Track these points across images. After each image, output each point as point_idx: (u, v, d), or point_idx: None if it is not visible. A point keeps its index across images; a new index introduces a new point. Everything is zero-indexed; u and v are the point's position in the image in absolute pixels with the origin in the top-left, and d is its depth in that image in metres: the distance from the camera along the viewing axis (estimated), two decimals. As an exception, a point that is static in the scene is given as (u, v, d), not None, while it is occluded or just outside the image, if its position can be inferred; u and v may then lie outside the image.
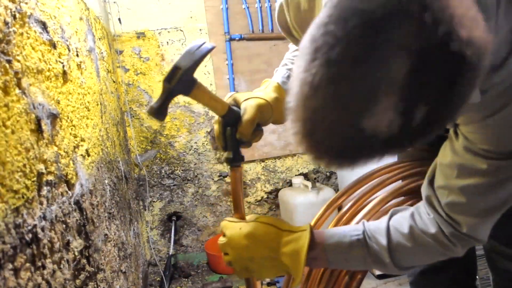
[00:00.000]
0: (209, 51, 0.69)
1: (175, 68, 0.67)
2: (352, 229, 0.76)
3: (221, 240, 0.75)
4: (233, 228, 0.75)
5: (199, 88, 0.71)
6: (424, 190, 0.75)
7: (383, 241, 0.72)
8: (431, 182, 0.74)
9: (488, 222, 0.70)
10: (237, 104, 0.80)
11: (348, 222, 0.91)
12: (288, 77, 0.90)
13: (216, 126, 0.81)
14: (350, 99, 0.40)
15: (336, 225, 0.92)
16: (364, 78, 0.39)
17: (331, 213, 0.96)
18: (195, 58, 0.67)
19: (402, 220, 0.74)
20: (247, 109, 0.77)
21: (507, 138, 0.61)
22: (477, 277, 1.32)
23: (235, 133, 0.76)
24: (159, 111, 0.68)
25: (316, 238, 0.74)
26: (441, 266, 1.07)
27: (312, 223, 0.94)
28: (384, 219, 0.76)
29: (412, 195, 0.95)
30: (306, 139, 0.46)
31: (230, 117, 0.77)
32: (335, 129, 0.43)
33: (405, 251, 0.72)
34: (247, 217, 0.79)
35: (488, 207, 0.67)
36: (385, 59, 0.38)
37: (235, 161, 0.78)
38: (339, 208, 0.99)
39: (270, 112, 0.81)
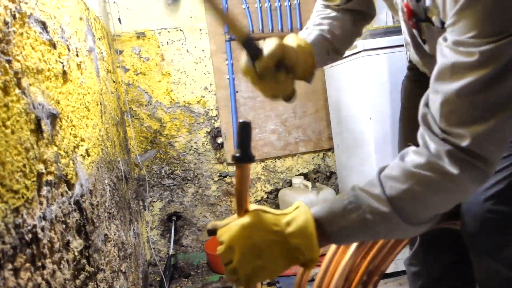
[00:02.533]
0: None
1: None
2: (340, 196, 0.68)
3: (220, 248, 0.66)
4: (229, 228, 0.66)
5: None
6: (420, 109, 0.67)
7: (377, 190, 0.64)
8: (427, 104, 0.66)
9: (492, 132, 0.59)
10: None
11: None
12: (309, 34, 0.92)
13: (243, 61, 0.80)
14: None
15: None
16: None
17: None
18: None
19: (391, 166, 0.66)
20: (268, 43, 0.76)
21: (492, 15, 0.56)
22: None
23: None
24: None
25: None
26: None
27: None
28: (373, 175, 0.68)
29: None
30: None
31: (251, 47, 0.76)
32: None
33: (403, 194, 0.62)
34: (234, 216, 0.71)
35: (489, 106, 0.59)
36: None
37: (243, 160, 0.68)
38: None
39: (294, 56, 0.80)
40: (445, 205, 0.66)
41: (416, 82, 1.10)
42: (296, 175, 2.49)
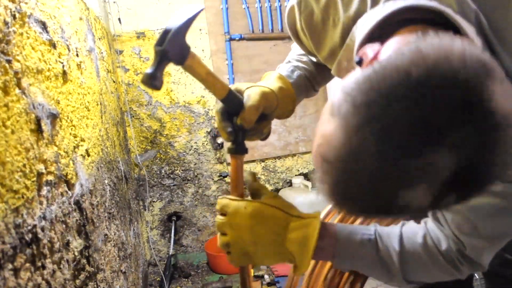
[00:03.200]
0: (198, 13, 0.65)
1: (165, 31, 0.61)
2: (364, 228, 0.72)
3: (220, 218, 0.67)
4: (237, 206, 0.66)
5: (194, 58, 0.64)
6: None
7: (396, 245, 0.69)
8: None
9: (493, 248, 0.66)
10: (240, 93, 0.74)
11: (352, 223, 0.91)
12: (293, 71, 0.87)
13: (216, 117, 0.74)
14: (389, 176, 0.41)
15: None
16: (408, 167, 0.40)
17: (333, 215, 0.96)
18: (185, 20, 0.62)
19: (415, 229, 0.71)
20: (251, 95, 0.71)
21: None
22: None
23: (237, 121, 0.70)
24: (154, 77, 0.60)
25: (326, 228, 0.69)
26: None
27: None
28: (396, 226, 0.73)
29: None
30: (336, 196, 0.47)
31: (232, 103, 0.70)
32: (368, 197, 0.44)
33: (416, 261, 0.69)
34: (250, 197, 0.72)
35: (496, 232, 0.64)
36: (434, 157, 0.39)
37: (236, 151, 0.71)
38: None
39: (275, 102, 0.75)
40: (439, 279, 0.73)
41: None
42: (296, 175, 2.49)
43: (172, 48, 0.61)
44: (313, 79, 0.92)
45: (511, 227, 0.64)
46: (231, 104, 0.70)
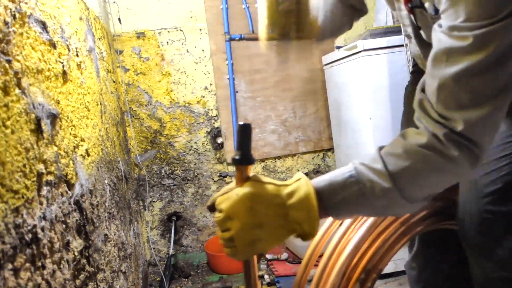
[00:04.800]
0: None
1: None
2: (342, 169, 0.67)
3: (218, 215, 0.64)
4: (229, 197, 0.64)
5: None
6: (416, 95, 0.68)
7: (379, 166, 0.64)
8: (423, 90, 0.68)
9: (486, 118, 0.61)
10: None
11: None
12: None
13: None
14: None
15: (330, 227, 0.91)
16: None
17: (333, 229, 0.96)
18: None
19: (392, 144, 0.67)
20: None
21: (478, 2, 0.56)
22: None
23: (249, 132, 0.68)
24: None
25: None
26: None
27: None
28: (373, 152, 0.69)
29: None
30: None
31: None
32: None
33: (405, 171, 0.64)
34: (233, 184, 0.68)
35: (483, 92, 0.60)
36: None
37: (243, 162, 0.67)
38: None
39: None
40: (442, 184, 0.68)
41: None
42: (296, 175, 2.48)
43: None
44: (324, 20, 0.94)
45: (498, 85, 0.60)
46: None
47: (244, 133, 0.66)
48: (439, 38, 0.63)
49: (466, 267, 0.94)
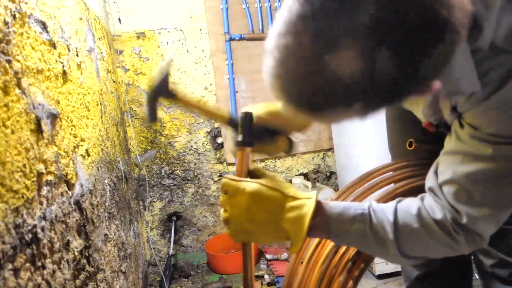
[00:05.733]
0: (169, 65, 0.76)
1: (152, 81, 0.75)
2: (358, 204, 0.73)
3: (223, 197, 0.71)
4: (236, 186, 0.70)
5: (183, 94, 0.76)
6: (428, 181, 0.73)
7: (390, 217, 0.69)
8: (436, 173, 0.72)
9: (490, 218, 0.66)
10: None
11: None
12: None
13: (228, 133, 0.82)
14: (313, 42, 0.44)
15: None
16: (329, 25, 0.42)
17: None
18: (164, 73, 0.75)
19: (410, 203, 0.72)
20: (250, 108, 0.76)
21: (510, 120, 0.59)
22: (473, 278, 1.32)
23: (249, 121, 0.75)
24: (151, 117, 0.75)
25: (320, 207, 0.71)
26: (437, 270, 1.06)
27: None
28: (392, 202, 0.74)
29: (409, 196, 0.96)
30: (278, 89, 0.50)
31: (235, 123, 0.78)
32: (301, 75, 0.46)
33: (411, 233, 0.69)
34: (251, 175, 0.75)
35: (491, 200, 0.65)
36: (354, 5, 0.41)
37: (244, 143, 0.75)
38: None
39: (282, 117, 0.77)
40: (440, 254, 0.73)
41: None
42: (296, 175, 2.49)
43: (162, 88, 0.75)
44: None
45: (506, 197, 0.64)
46: (235, 123, 0.78)
47: (247, 120, 0.74)
48: (460, 138, 0.66)
49: (464, 271, 0.95)
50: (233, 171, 2.39)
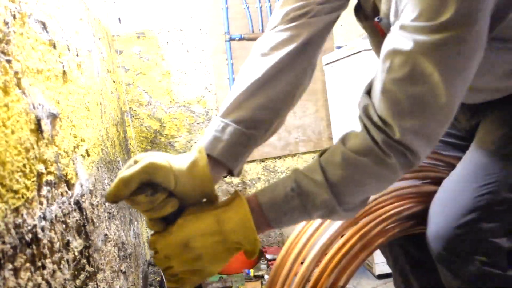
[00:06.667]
0: None
1: None
2: (283, 180, 0.68)
3: (156, 257, 0.64)
4: (163, 236, 0.63)
5: None
6: (361, 100, 0.68)
7: (319, 177, 0.65)
8: (368, 92, 0.67)
9: (420, 128, 0.61)
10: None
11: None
12: (223, 129, 0.70)
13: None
14: None
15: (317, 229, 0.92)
16: None
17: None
18: None
19: (333, 150, 0.67)
20: (132, 164, 0.65)
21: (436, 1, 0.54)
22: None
23: None
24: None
25: (250, 202, 0.65)
26: None
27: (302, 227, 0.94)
28: (314, 159, 0.69)
29: (407, 197, 0.96)
30: None
31: None
32: None
33: (343, 181, 0.64)
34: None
35: (419, 102, 0.60)
36: None
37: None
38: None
39: (169, 179, 0.62)
40: (378, 189, 0.70)
41: None
42: (296, 175, 2.49)
43: None
44: (263, 118, 0.75)
45: (432, 97, 0.59)
46: None
47: None
48: (388, 37, 0.62)
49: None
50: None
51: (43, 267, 0.67)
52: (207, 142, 0.70)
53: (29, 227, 0.63)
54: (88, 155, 1.09)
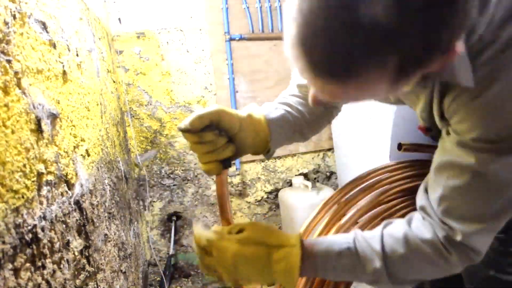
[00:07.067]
0: None
1: None
2: (342, 237, 0.73)
3: (208, 259, 0.72)
4: (221, 250, 0.71)
5: None
6: (419, 199, 0.72)
7: (377, 246, 0.68)
8: (426, 191, 0.71)
9: (484, 232, 0.64)
10: None
11: (339, 222, 0.91)
12: (276, 108, 0.84)
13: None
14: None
15: (327, 227, 0.92)
16: None
17: (325, 213, 0.96)
18: None
19: (396, 227, 0.71)
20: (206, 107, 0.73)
21: (496, 122, 0.56)
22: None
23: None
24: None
25: (305, 249, 0.71)
26: None
27: (307, 223, 0.94)
28: (378, 227, 0.73)
29: (406, 195, 0.95)
30: (303, 57, 0.47)
31: None
32: (331, 31, 0.42)
33: (400, 259, 0.68)
34: (234, 225, 0.76)
35: (482, 212, 0.63)
36: None
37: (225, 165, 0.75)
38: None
39: (235, 123, 0.73)
40: (431, 276, 0.71)
41: None
42: (296, 175, 2.49)
43: None
44: (302, 120, 0.87)
45: (497, 209, 0.62)
46: None
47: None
48: (445, 147, 0.65)
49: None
50: (233, 170, 2.39)
51: (43, 267, 0.67)
52: (265, 106, 0.84)
53: (29, 227, 0.63)
54: (88, 155, 1.09)
